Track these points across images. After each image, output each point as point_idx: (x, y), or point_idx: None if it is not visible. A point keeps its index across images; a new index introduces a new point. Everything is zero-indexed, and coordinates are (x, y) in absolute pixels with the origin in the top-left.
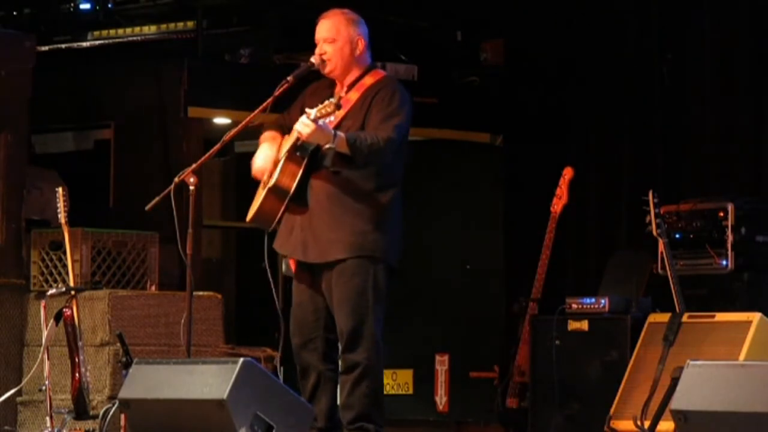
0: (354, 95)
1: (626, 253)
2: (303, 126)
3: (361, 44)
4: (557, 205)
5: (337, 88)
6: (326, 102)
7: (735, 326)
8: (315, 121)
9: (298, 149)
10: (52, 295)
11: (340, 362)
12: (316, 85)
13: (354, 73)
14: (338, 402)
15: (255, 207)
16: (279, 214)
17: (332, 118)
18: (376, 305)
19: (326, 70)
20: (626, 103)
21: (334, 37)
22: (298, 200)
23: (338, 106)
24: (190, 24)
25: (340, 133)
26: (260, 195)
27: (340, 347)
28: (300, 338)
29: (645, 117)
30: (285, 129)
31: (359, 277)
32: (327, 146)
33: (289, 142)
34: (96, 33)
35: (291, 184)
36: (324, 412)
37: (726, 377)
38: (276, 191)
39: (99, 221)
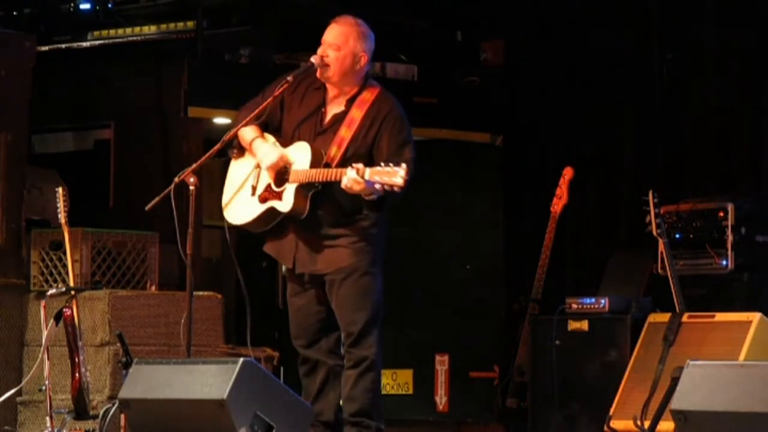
0: (357, 113)
1: (626, 253)
2: (354, 183)
3: (363, 60)
4: (557, 205)
5: (329, 94)
6: (392, 181)
7: (735, 326)
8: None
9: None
10: (52, 295)
11: (345, 357)
12: (305, 85)
13: (352, 87)
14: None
15: (250, 217)
16: (272, 225)
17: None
18: (379, 303)
19: (325, 75)
20: (626, 104)
21: (339, 45)
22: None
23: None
24: (190, 24)
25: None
26: (252, 204)
27: (345, 343)
28: (305, 340)
29: (645, 117)
30: (266, 125)
31: (366, 277)
32: (368, 197)
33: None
34: (96, 33)
35: (305, 208)
36: (333, 406)
37: (726, 377)
38: (292, 215)
39: (99, 221)
